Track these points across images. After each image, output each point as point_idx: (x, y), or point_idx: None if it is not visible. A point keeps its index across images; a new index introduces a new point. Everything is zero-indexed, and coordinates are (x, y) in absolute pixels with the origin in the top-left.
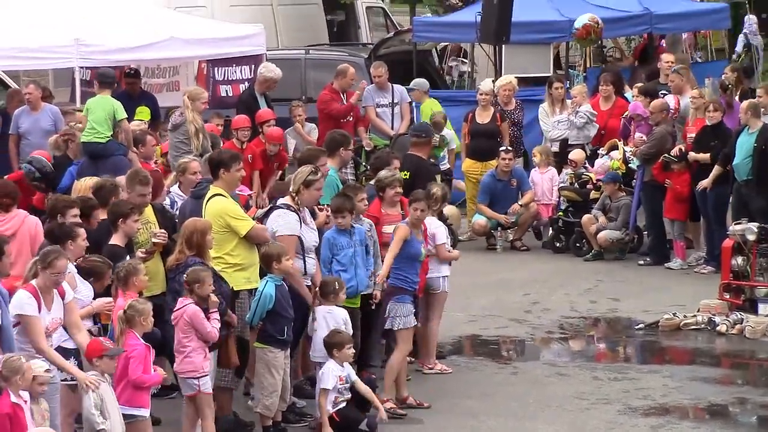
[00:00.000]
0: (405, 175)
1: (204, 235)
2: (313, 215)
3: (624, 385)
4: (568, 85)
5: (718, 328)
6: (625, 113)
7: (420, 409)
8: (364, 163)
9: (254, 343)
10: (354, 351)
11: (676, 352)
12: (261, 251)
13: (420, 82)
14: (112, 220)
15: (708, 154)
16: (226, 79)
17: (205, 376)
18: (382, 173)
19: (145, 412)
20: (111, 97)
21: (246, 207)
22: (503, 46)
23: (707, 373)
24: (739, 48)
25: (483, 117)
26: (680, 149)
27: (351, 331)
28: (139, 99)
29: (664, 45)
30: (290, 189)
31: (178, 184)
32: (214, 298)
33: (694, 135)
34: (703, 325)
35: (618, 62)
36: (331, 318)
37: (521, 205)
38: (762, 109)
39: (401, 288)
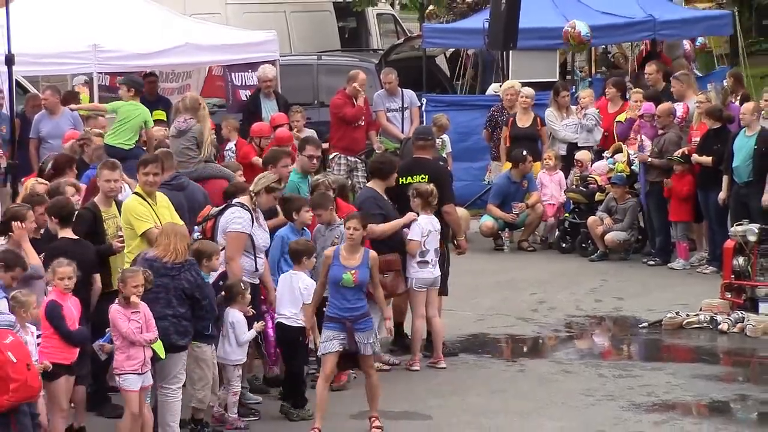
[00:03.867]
0: (424, 179)
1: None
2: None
3: (628, 382)
4: (573, 90)
5: (719, 326)
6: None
7: (430, 405)
8: None
9: None
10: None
11: (679, 350)
12: (193, 247)
13: None
14: (65, 217)
15: (710, 158)
16: (244, 84)
17: (126, 374)
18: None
19: None
20: (142, 105)
21: None
22: (510, 51)
23: (709, 371)
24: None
25: (524, 121)
26: (684, 152)
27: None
28: (155, 102)
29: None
30: (251, 189)
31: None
32: (134, 300)
33: (698, 139)
34: (705, 324)
35: (622, 68)
36: (230, 318)
37: (528, 206)
38: (762, 112)
39: (327, 315)
